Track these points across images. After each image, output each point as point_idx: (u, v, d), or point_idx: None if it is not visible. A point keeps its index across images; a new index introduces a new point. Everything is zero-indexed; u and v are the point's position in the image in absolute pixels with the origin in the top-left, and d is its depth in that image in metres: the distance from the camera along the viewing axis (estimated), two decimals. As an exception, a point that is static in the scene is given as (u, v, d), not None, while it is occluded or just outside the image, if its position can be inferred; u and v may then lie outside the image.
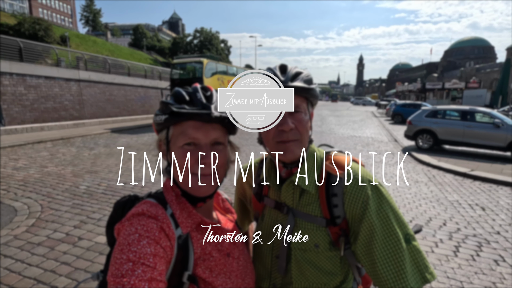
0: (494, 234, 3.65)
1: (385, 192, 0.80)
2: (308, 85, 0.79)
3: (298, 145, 0.81)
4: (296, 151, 0.81)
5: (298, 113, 0.79)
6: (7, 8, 50.08)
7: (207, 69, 16.52)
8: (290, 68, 0.82)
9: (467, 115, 8.94)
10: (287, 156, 0.80)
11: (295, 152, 0.81)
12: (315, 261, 0.82)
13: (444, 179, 6.18)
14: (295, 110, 0.78)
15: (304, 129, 0.80)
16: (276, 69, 0.82)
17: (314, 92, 0.81)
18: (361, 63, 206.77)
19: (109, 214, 0.81)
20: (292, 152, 0.80)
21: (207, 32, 61.37)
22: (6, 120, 11.52)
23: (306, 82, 0.80)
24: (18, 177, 5.77)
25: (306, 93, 0.79)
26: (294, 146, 0.80)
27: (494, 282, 2.70)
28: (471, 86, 29.93)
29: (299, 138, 0.80)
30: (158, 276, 0.57)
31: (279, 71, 0.81)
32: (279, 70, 0.81)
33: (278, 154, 0.81)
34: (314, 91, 0.81)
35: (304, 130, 0.80)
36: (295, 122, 0.78)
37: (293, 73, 0.80)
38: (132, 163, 7.11)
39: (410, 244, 0.74)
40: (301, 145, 0.82)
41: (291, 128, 0.77)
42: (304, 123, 0.80)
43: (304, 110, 0.81)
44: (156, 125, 0.75)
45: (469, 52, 71.60)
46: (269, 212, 0.92)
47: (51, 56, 15.96)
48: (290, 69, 0.82)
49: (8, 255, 2.99)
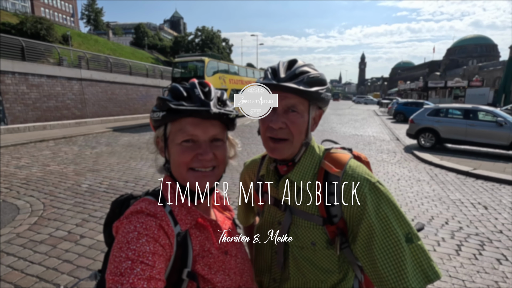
0: (496, 233, 3.63)
1: (384, 190, 0.77)
2: (307, 87, 0.75)
3: (288, 146, 0.79)
4: (284, 151, 0.80)
5: (293, 113, 0.77)
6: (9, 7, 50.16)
7: (209, 68, 16.52)
8: (297, 66, 0.79)
9: (469, 114, 8.88)
10: (274, 154, 0.80)
11: (283, 152, 0.79)
12: (312, 258, 0.82)
13: (446, 177, 6.15)
14: (291, 110, 0.77)
15: (297, 130, 0.78)
16: (284, 64, 0.80)
17: (316, 94, 0.77)
18: (363, 62, 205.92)
19: (107, 213, 0.80)
20: (279, 151, 0.79)
21: (208, 31, 61.28)
22: (9, 119, 11.57)
23: (308, 83, 0.76)
24: (21, 175, 5.80)
25: (304, 95, 0.76)
26: (282, 145, 0.79)
27: (496, 281, 2.68)
28: (473, 84, 29.75)
29: (290, 139, 0.78)
30: (157, 275, 0.57)
31: (286, 67, 0.79)
32: (286, 66, 0.80)
33: (267, 150, 0.82)
34: (316, 94, 0.76)
35: (296, 131, 0.78)
36: (287, 121, 0.77)
37: (296, 71, 0.77)
38: (133, 161, 7.13)
39: (413, 243, 0.72)
40: (291, 146, 0.80)
41: (280, 127, 0.76)
42: (297, 124, 0.77)
43: (302, 111, 0.78)
44: (153, 122, 0.73)
45: (472, 50, 71.15)
46: (268, 209, 0.92)
47: (53, 55, 16.00)
48: (297, 66, 0.79)
49: (11, 253, 3.01)
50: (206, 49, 55.24)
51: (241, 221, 1.18)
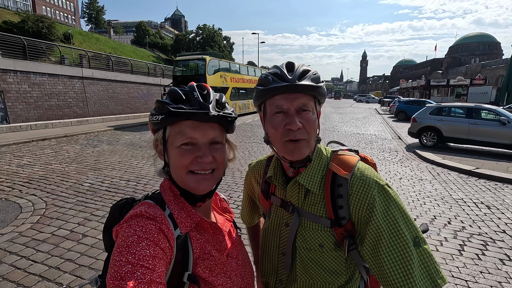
0: (499, 233, 3.61)
1: (393, 193, 0.77)
2: (316, 83, 0.77)
3: (306, 145, 0.79)
4: (304, 151, 0.80)
5: (305, 112, 0.78)
6: (11, 6, 50.29)
7: (210, 66, 16.51)
8: (297, 66, 0.80)
9: (472, 113, 8.83)
10: (294, 155, 0.79)
11: (303, 151, 0.79)
12: (319, 260, 0.82)
13: (448, 177, 6.13)
14: (302, 109, 0.77)
15: (312, 128, 0.79)
16: (283, 67, 0.80)
17: (322, 90, 0.80)
18: (364, 60, 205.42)
19: (106, 218, 0.79)
20: (300, 151, 0.79)
21: (209, 29, 61.21)
22: (11, 118, 11.61)
23: (314, 80, 0.78)
24: (23, 174, 5.82)
25: (313, 92, 0.77)
26: (302, 145, 0.79)
27: (499, 282, 2.66)
28: (476, 83, 29.64)
29: (307, 138, 0.79)
30: (158, 278, 0.57)
31: (286, 69, 0.79)
32: (286, 69, 0.80)
33: (286, 154, 0.80)
34: (321, 89, 0.79)
35: (311, 129, 0.79)
36: (302, 121, 0.77)
37: (300, 71, 0.78)
38: (135, 160, 7.14)
39: (420, 247, 0.72)
40: (309, 145, 0.80)
41: (298, 128, 0.76)
42: (311, 122, 0.78)
43: (312, 108, 0.79)
44: (152, 125, 0.74)
45: (474, 48, 70.80)
46: (275, 210, 0.92)
47: (55, 53, 16.06)
48: (297, 66, 0.80)
49: (13, 252, 3.02)
50: (207, 47, 55.17)
51: (245, 221, 1.18)
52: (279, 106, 0.77)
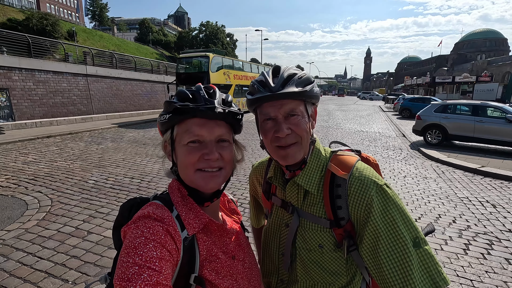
0: (505, 232, 3.58)
1: (392, 193, 0.76)
2: (301, 87, 0.76)
3: (298, 148, 0.79)
4: (297, 155, 0.80)
5: (294, 117, 0.77)
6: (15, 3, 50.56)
7: (213, 64, 16.47)
8: (283, 71, 0.79)
9: (478, 110, 8.74)
10: (287, 161, 0.80)
11: (295, 156, 0.80)
12: (319, 261, 0.82)
13: (453, 175, 6.08)
14: (290, 114, 0.77)
15: (303, 131, 0.78)
16: (268, 74, 0.80)
17: (310, 92, 0.78)
18: (368, 57, 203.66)
19: (115, 217, 0.80)
20: (292, 156, 0.79)
21: (212, 26, 61.09)
22: (16, 115, 11.72)
23: (300, 84, 0.77)
24: (28, 171, 5.89)
25: (300, 96, 0.77)
26: (293, 150, 0.79)
27: (505, 281, 2.64)
28: (482, 79, 29.28)
29: (299, 141, 0.79)
30: (164, 280, 0.57)
31: (271, 76, 0.79)
32: (271, 75, 0.80)
33: (279, 159, 0.82)
34: (310, 92, 0.78)
35: (302, 132, 0.78)
36: (291, 126, 0.77)
37: (284, 76, 0.77)
38: (139, 157, 7.18)
39: (420, 248, 0.71)
40: (302, 147, 0.80)
41: (287, 134, 0.76)
42: (301, 125, 0.78)
43: (301, 112, 0.78)
44: (160, 126, 0.74)
45: (480, 45, 69.84)
46: (276, 210, 0.92)
47: (59, 51, 16.13)
48: (283, 71, 0.79)
49: (20, 248, 3.06)
50: (211, 44, 55.12)
51: (252, 223, 1.20)
52: (266, 114, 0.78)
